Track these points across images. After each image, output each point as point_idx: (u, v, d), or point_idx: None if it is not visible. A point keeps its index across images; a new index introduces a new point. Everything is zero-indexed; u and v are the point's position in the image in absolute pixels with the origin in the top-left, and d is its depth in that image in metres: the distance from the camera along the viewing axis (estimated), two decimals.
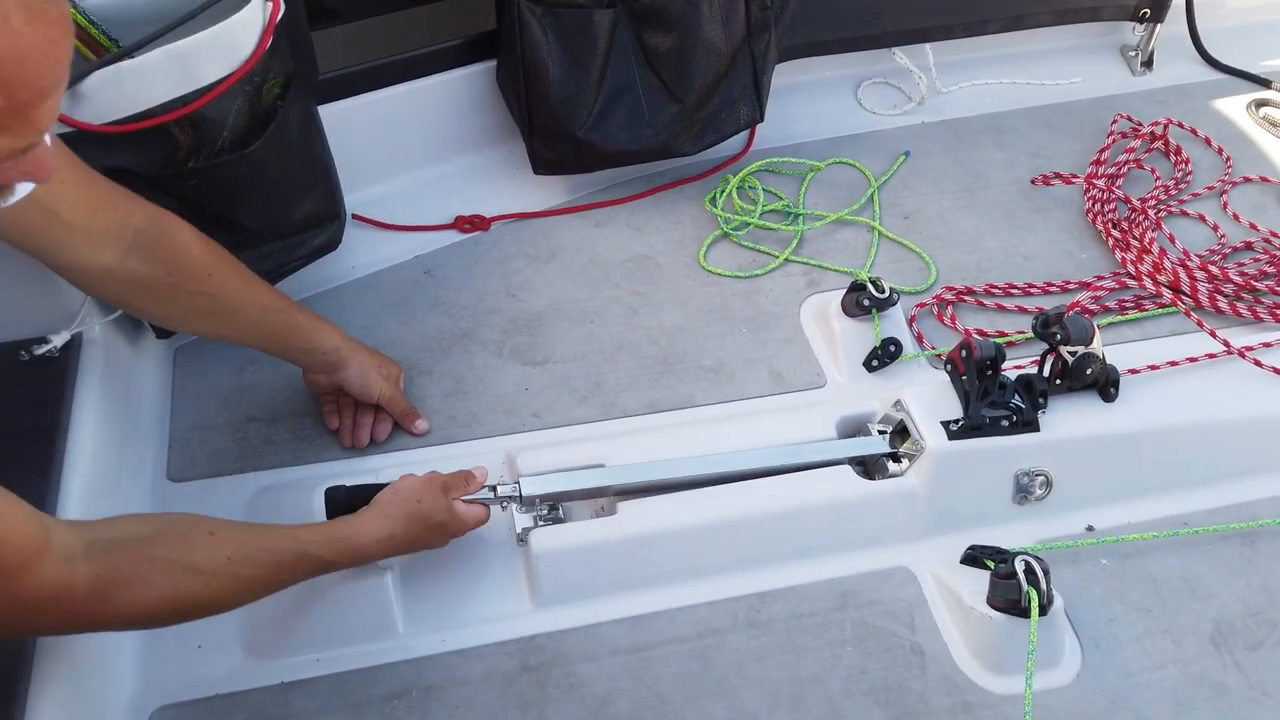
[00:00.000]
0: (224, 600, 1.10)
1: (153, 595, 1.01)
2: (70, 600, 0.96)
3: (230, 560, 1.08)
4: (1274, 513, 1.44)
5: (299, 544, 1.15)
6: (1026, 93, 2.16)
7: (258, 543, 1.12)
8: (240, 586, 1.10)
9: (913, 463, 1.39)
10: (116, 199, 1.24)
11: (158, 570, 1.02)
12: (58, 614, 0.97)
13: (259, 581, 1.12)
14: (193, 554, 1.05)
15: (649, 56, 1.81)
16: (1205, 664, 1.30)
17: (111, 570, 0.99)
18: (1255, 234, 1.83)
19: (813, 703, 1.25)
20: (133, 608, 1.00)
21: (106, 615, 1.00)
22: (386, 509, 1.23)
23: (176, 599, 1.03)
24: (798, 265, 1.79)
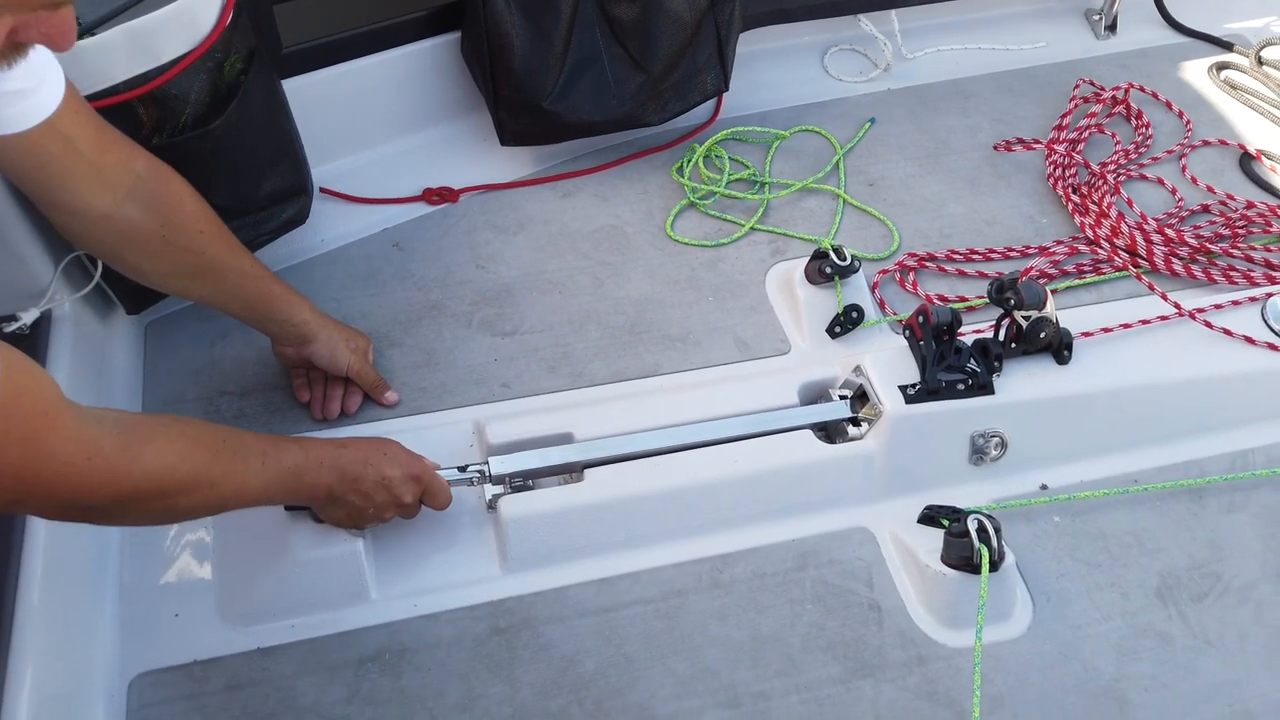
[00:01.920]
0: (227, 480, 1.10)
1: (174, 455, 1.03)
2: (101, 456, 0.95)
3: (226, 442, 1.11)
4: (1221, 469, 1.49)
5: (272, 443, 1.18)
6: (991, 58, 2.18)
7: (241, 434, 1.15)
8: (237, 468, 1.11)
9: (871, 426, 1.43)
10: (122, 142, 1.26)
11: (174, 434, 1.04)
12: (90, 471, 0.95)
13: (249, 472, 1.13)
14: (199, 431, 1.09)
15: (613, 27, 1.81)
16: (1151, 615, 1.35)
17: (135, 427, 1.01)
18: (1212, 197, 1.87)
19: (773, 658, 1.30)
20: (159, 466, 1.01)
21: (135, 474, 0.99)
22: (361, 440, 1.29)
23: (192, 469, 1.05)
24: (763, 234, 1.81)
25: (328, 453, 1.23)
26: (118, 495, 0.99)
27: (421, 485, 1.30)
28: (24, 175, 1.20)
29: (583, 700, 1.26)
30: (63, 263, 1.45)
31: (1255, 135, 2.01)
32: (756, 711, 1.26)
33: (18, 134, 1.12)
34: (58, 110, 1.14)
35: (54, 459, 0.92)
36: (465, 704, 1.25)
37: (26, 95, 1.11)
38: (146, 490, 1.01)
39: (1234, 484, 1.47)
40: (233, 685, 1.26)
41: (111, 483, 0.98)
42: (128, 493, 1.00)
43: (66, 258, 1.45)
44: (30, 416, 0.89)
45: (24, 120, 1.12)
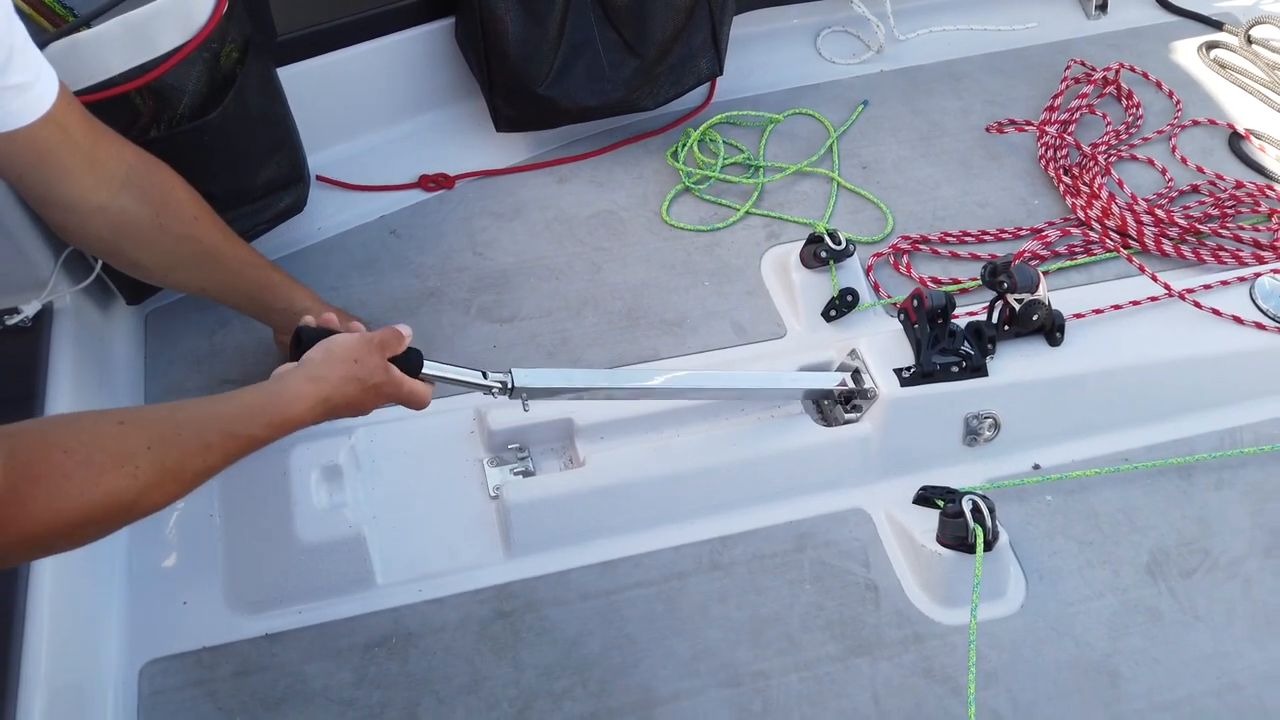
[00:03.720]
0: (152, 494, 0.94)
1: (73, 494, 0.87)
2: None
3: (151, 448, 0.94)
4: (1210, 447, 1.51)
5: (224, 421, 1.02)
6: (983, 39, 2.19)
7: (177, 426, 0.99)
8: (167, 476, 0.95)
9: (867, 409, 1.45)
10: (111, 134, 1.26)
11: (73, 464, 0.87)
12: None
13: (187, 469, 0.98)
14: (106, 442, 0.92)
15: (607, 12, 1.82)
16: (1141, 591, 1.38)
17: (23, 468, 0.85)
18: (1201, 177, 1.88)
19: (772, 638, 1.32)
20: (50, 511, 0.86)
21: (24, 522, 0.84)
22: (318, 370, 1.10)
23: (101, 497, 0.89)
24: (758, 218, 1.82)
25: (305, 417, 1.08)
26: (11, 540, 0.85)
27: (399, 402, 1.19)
28: (25, 171, 1.19)
29: (586, 681, 1.28)
30: (63, 255, 1.46)
31: (1244, 114, 2.03)
32: (756, 690, 1.28)
33: (21, 129, 1.12)
34: (54, 103, 1.15)
35: None
36: (471, 686, 1.28)
37: (26, 89, 1.12)
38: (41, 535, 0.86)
39: (1222, 462, 1.50)
40: (242, 671, 1.28)
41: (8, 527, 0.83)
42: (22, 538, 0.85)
43: (67, 250, 1.46)
44: None
45: (27, 114, 1.12)
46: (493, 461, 1.45)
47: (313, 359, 1.12)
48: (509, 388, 1.24)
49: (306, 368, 1.11)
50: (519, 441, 1.47)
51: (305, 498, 1.35)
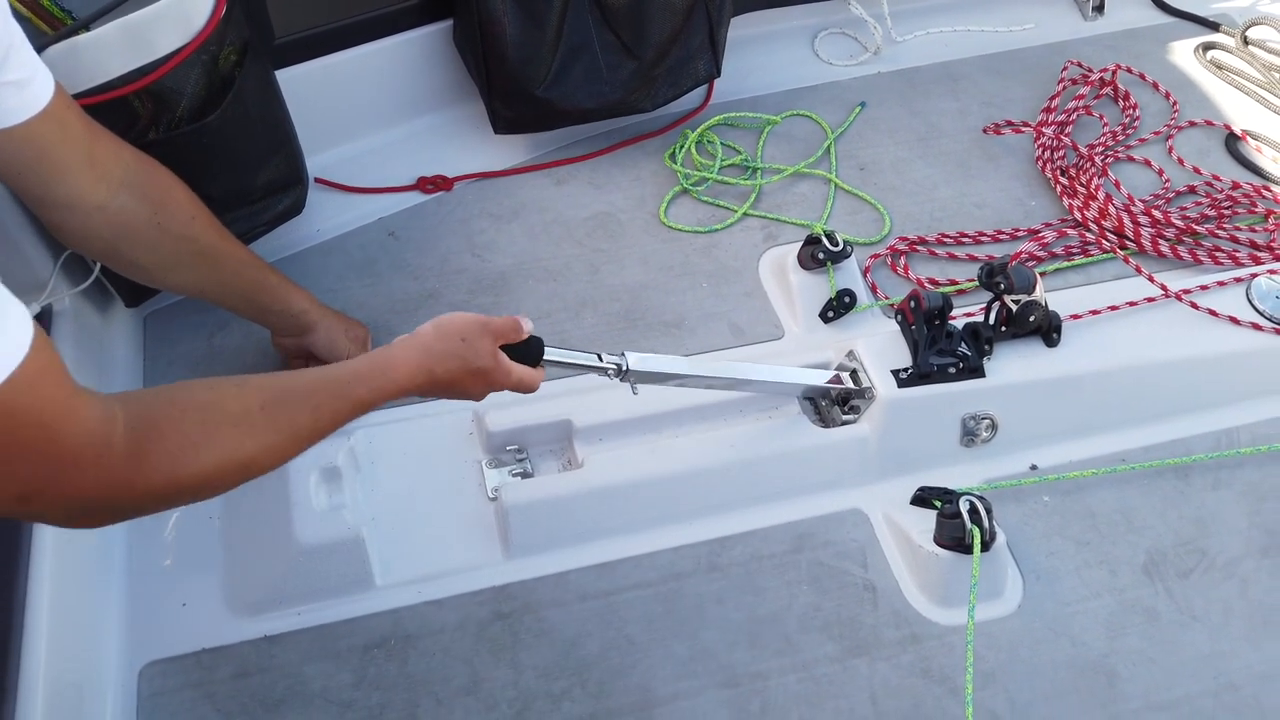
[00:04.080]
0: (267, 452, 0.97)
1: (190, 450, 0.90)
2: (110, 457, 0.84)
3: (264, 408, 0.97)
4: (1207, 448, 1.52)
5: (331, 384, 1.05)
6: (980, 40, 2.19)
7: (289, 387, 1.02)
8: (280, 436, 0.98)
9: (864, 410, 1.45)
10: (110, 135, 1.26)
11: (190, 423, 0.90)
12: (97, 473, 0.84)
13: (301, 427, 1.00)
14: (225, 403, 0.95)
15: (605, 14, 1.82)
16: (1138, 592, 1.38)
17: (146, 423, 0.88)
18: (1198, 178, 1.89)
19: (770, 639, 1.33)
20: (172, 464, 0.89)
21: (147, 475, 0.87)
22: (426, 341, 1.12)
23: (218, 455, 0.92)
24: (756, 219, 1.83)
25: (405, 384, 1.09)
26: (128, 502, 0.89)
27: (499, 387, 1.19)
28: (23, 169, 1.19)
29: (585, 682, 1.29)
30: (62, 257, 1.46)
31: (1241, 115, 2.03)
32: (754, 691, 1.29)
33: (20, 124, 1.12)
34: (51, 100, 1.14)
35: (64, 452, 0.82)
36: (470, 687, 1.28)
37: (24, 85, 1.11)
38: (160, 490, 0.89)
39: (1219, 462, 1.50)
40: (241, 673, 1.28)
41: (120, 486, 0.86)
42: (138, 495, 0.88)
43: (65, 252, 1.46)
44: (51, 399, 0.80)
45: (25, 110, 1.12)
46: (491, 463, 1.46)
47: (424, 330, 1.13)
48: (623, 370, 1.27)
49: (416, 337, 1.13)
50: (517, 443, 1.47)
51: (304, 499, 1.35)
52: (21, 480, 0.81)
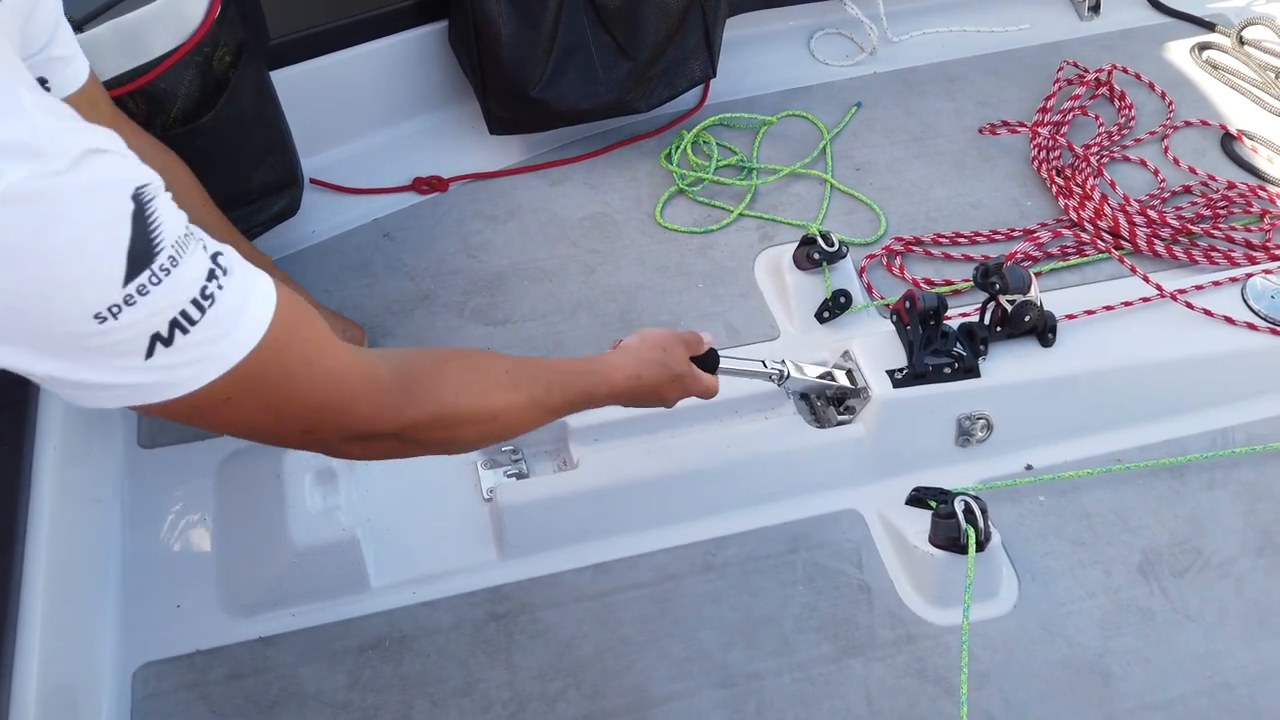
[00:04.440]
0: (509, 411, 1.05)
1: (450, 391, 0.98)
2: (378, 386, 0.92)
3: (509, 374, 1.06)
4: (1201, 448, 1.52)
5: (561, 372, 1.14)
6: (976, 40, 2.20)
7: (526, 361, 1.13)
8: (521, 400, 1.06)
9: (860, 410, 1.45)
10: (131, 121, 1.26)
11: (450, 369, 1.00)
12: (370, 404, 0.91)
13: (536, 397, 1.08)
14: (476, 361, 1.05)
15: (600, 14, 1.82)
16: (1133, 591, 1.38)
17: (410, 364, 0.97)
18: (1194, 177, 1.89)
19: (766, 639, 1.33)
20: (435, 402, 0.97)
21: (412, 408, 0.95)
22: (635, 349, 1.25)
23: (473, 400, 1.01)
24: (752, 220, 1.83)
25: (620, 385, 1.20)
26: (399, 428, 0.95)
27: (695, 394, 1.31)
28: None
29: (580, 683, 1.29)
30: None
31: (1237, 115, 2.04)
32: (750, 691, 1.28)
33: (69, 96, 1.11)
34: (87, 79, 1.14)
35: (340, 385, 0.89)
36: (465, 689, 1.28)
37: (68, 62, 1.11)
38: (425, 421, 0.97)
39: (1214, 462, 1.50)
40: (235, 674, 1.28)
41: (392, 414, 0.94)
42: (408, 423, 0.96)
43: None
44: (313, 341, 0.87)
45: (66, 86, 1.11)
46: (486, 464, 1.46)
47: (631, 342, 1.27)
48: (784, 376, 1.41)
49: (626, 348, 1.26)
50: (512, 444, 1.47)
51: (299, 501, 1.35)
52: (303, 415, 0.88)
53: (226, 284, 0.77)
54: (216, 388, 0.79)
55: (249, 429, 0.87)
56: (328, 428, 0.91)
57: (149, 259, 0.72)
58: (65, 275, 0.69)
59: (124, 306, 0.71)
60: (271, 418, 0.86)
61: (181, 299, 0.74)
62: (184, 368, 0.76)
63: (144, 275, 0.71)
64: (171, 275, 0.73)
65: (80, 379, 0.73)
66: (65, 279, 0.69)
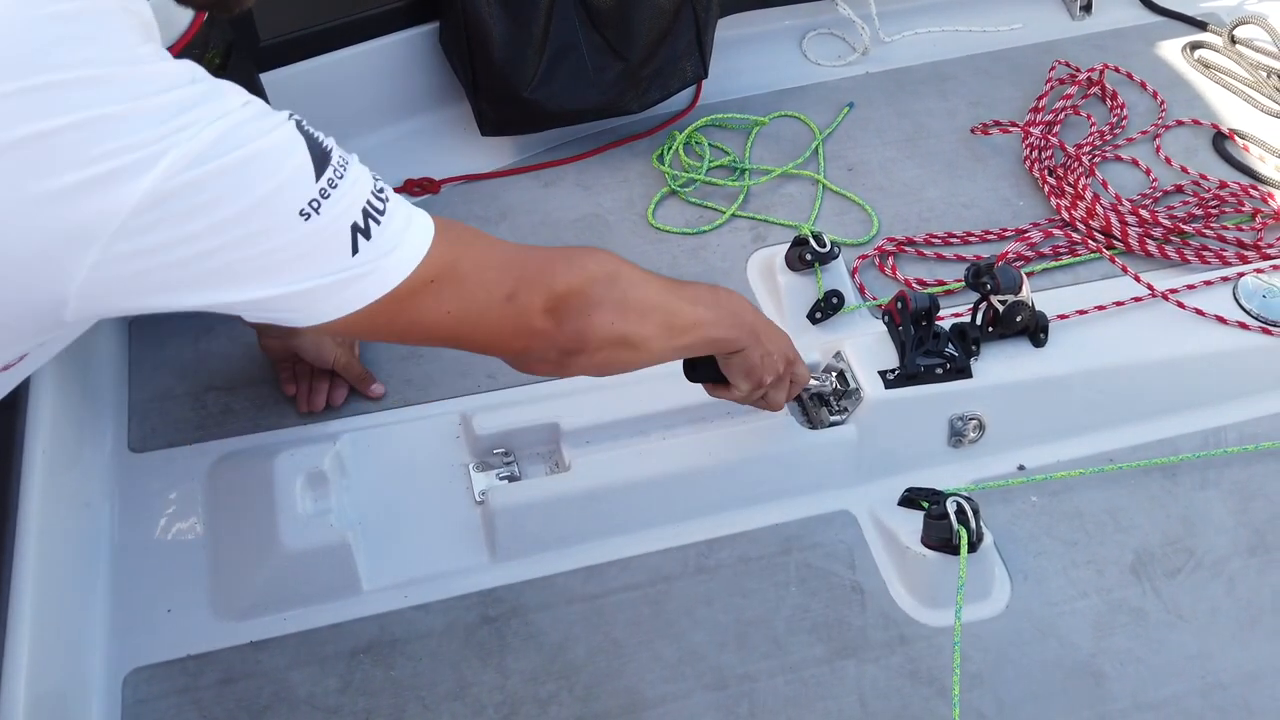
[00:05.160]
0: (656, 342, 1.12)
1: (607, 264, 1.06)
2: (556, 250, 1.03)
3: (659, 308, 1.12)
4: (1194, 447, 1.52)
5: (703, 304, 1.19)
6: (968, 40, 2.19)
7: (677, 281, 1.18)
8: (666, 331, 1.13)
9: (852, 411, 1.45)
10: None
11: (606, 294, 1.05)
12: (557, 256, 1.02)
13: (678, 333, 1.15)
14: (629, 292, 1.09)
15: (591, 14, 1.82)
16: (1126, 591, 1.38)
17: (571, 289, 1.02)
18: (1186, 177, 1.89)
19: (758, 640, 1.32)
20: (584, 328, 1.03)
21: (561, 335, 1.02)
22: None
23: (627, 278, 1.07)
24: (744, 220, 1.83)
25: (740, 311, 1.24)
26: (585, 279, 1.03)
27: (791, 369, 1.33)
28: None
29: (573, 686, 1.28)
30: None
31: (1229, 114, 2.04)
32: (743, 693, 1.28)
33: None
34: None
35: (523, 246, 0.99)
36: (457, 692, 1.28)
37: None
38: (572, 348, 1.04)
39: (1206, 461, 1.50)
40: (226, 679, 1.28)
41: (579, 266, 1.02)
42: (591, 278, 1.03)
43: None
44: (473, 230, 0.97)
45: None
46: (478, 466, 1.45)
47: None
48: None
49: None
50: (504, 446, 1.46)
51: (289, 504, 1.34)
52: (501, 279, 0.96)
53: (386, 188, 0.86)
54: (421, 272, 0.86)
55: (458, 312, 0.93)
56: (529, 288, 0.98)
57: (326, 159, 0.80)
58: (271, 183, 0.77)
59: (321, 200, 0.79)
60: (476, 288, 0.93)
61: (364, 191, 0.82)
62: (387, 257, 0.84)
63: (328, 171, 0.80)
64: (348, 171, 0.81)
65: (302, 289, 0.81)
66: (272, 186, 0.77)
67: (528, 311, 0.99)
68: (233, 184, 0.75)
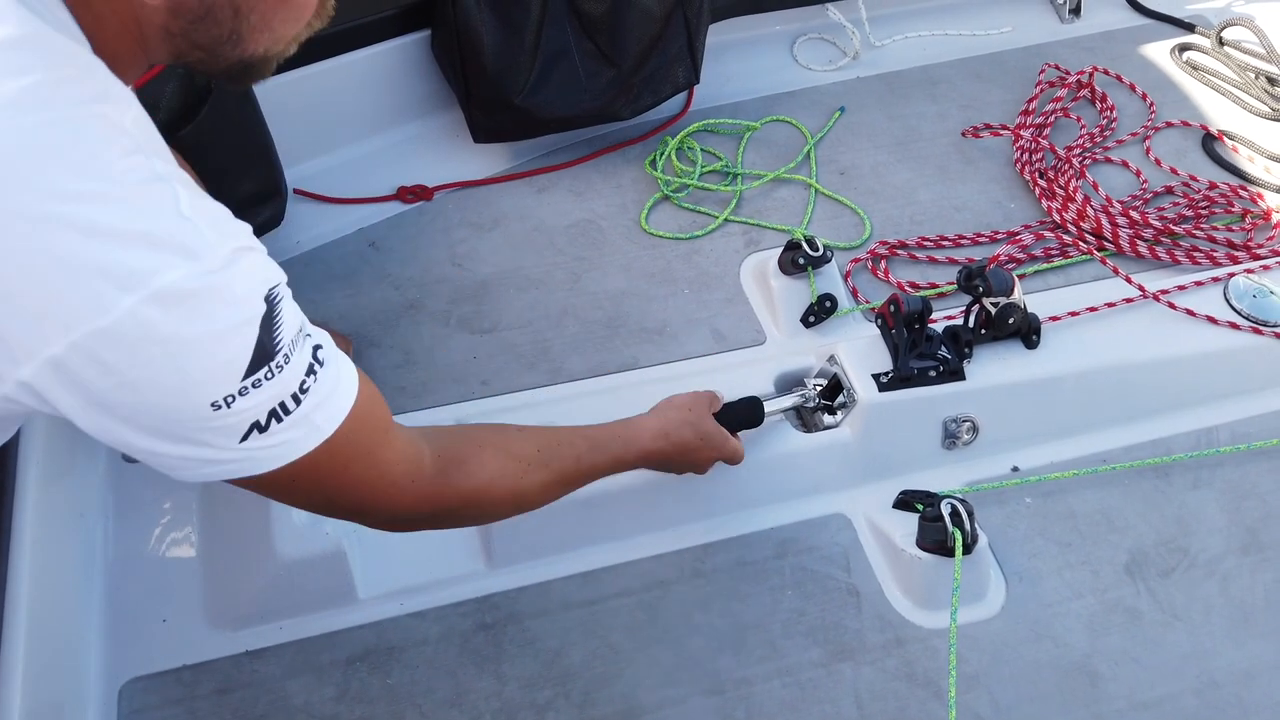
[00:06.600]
0: (540, 489, 1.12)
1: (485, 477, 1.05)
2: (421, 476, 0.99)
3: (540, 451, 1.12)
4: (1187, 447, 1.52)
5: (589, 440, 1.20)
6: (958, 44, 2.20)
7: (559, 438, 1.17)
8: (551, 477, 1.13)
9: (846, 415, 1.45)
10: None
11: (487, 455, 1.06)
12: (413, 491, 0.98)
13: (566, 474, 1.15)
14: (510, 444, 1.10)
15: (583, 22, 1.82)
16: (1120, 592, 1.39)
17: (450, 450, 1.03)
18: (1175, 178, 1.90)
19: (755, 644, 1.33)
20: (470, 488, 1.04)
21: (449, 495, 1.02)
22: (660, 410, 1.31)
23: (506, 484, 1.07)
24: (737, 225, 1.83)
25: (649, 446, 1.26)
26: (435, 511, 1.04)
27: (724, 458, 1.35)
28: None
29: (569, 692, 1.28)
30: None
31: (1217, 116, 2.05)
32: (740, 697, 1.28)
33: None
34: None
35: (386, 476, 0.96)
36: (454, 699, 1.27)
37: None
38: (459, 506, 1.06)
39: (1199, 461, 1.51)
40: (223, 688, 1.27)
41: (430, 501, 1.01)
42: (443, 509, 1.04)
43: None
44: (374, 433, 0.93)
45: None
46: None
47: (658, 406, 1.33)
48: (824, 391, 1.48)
49: (655, 411, 1.31)
50: None
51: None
52: (355, 500, 0.96)
53: (321, 376, 0.84)
54: (284, 472, 0.84)
55: (305, 505, 0.96)
56: (375, 513, 0.99)
57: (269, 356, 0.78)
58: (200, 367, 0.75)
59: (238, 397, 0.77)
60: (326, 498, 0.94)
61: (285, 391, 0.80)
62: (268, 450, 0.82)
63: (261, 370, 0.78)
64: (284, 370, 0.80)
65: (175, 455, 0.80)
66: (199, 370, 0.76)
67: (376, 524, 1.04)
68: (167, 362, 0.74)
